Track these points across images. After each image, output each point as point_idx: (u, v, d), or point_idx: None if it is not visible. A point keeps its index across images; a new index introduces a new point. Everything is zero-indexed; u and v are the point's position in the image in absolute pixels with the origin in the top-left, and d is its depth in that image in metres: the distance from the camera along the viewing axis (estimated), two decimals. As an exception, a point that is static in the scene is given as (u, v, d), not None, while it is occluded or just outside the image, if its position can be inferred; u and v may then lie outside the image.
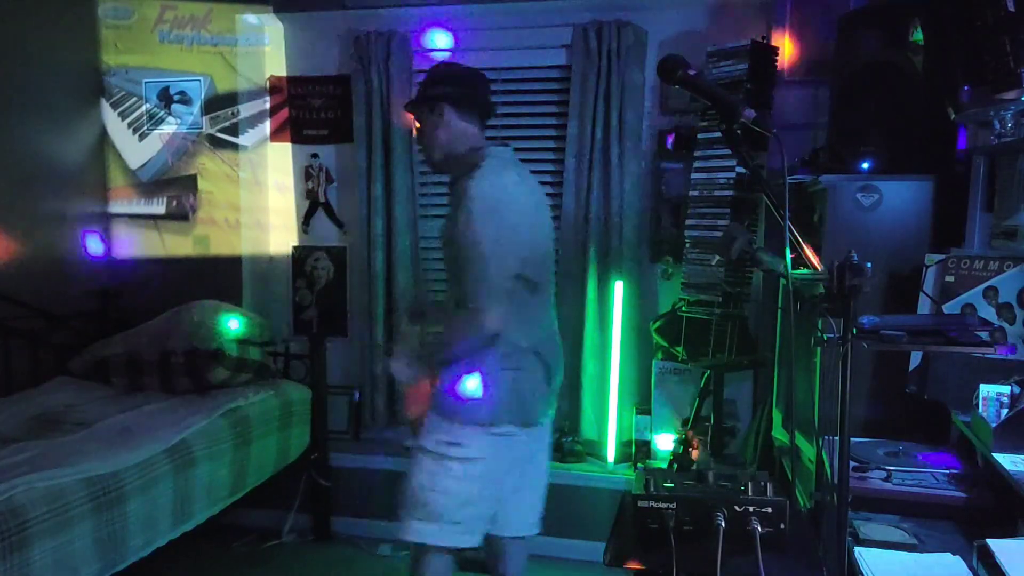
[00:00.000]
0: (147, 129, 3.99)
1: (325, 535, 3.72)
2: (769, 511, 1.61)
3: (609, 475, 3.45)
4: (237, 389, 3.37)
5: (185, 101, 3.94)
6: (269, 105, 3.90)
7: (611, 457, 3.50)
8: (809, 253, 1.42)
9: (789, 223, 1.41)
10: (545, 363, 2.29)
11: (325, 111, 3.86)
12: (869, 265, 1.29)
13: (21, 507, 2.15)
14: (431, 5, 3.57)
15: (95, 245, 4.00)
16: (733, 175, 2.98)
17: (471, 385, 2.19)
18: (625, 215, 3.43)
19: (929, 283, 2.06)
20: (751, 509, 1.61)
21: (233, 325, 3.48)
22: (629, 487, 1.81)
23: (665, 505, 1.64)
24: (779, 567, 1.53)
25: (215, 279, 3.90)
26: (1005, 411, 1.76)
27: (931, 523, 1.71)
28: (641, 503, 1.66)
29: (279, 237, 3.99)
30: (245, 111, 3.89)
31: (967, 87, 1.85)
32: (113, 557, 2.42)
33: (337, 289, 3.95)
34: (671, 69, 1.58)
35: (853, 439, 1.58)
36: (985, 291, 1.93)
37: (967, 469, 1.86)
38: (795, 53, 3.21)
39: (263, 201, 3.96)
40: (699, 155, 3.14)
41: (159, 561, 2.66)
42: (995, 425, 1.70)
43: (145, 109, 3.98)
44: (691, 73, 1.58)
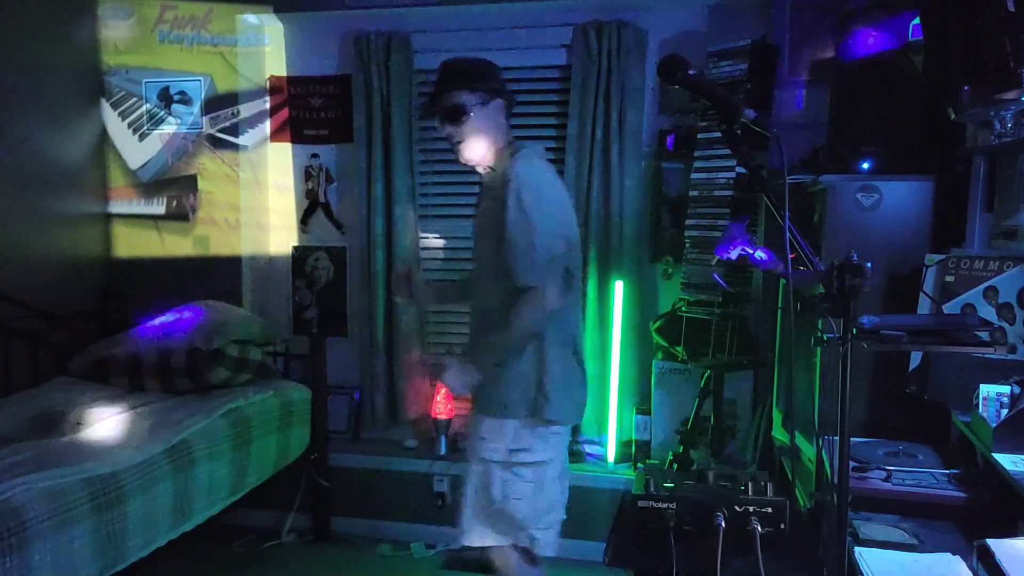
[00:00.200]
0: (147, 129, 3.99)
1: (325, 535, 3.72)
2: (769, 511, 1.61)
3: (609, 475, 3.45)
4: (237, 389, 3.36)
5: (185, 101, 3.94)
6: (269, 105, 3.90)
7: (611, 457, 3.50)
8: (808, 253, 1.43)
9: (789, 223, 1.41)
10: (581, 361, 2.33)
11: (325, 111, 3.86)
12: (869, 265, 1.29)
13: (21, 507, 2.15)
14: (431, 5, 3.57)
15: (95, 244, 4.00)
16: (733, 175, 2.98)
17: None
18: (625, 215, 3.43)
19: (929, 283, 2.06)
20: (751, 509, 1.61)
21: (234, 325, 3.48)
22: (629, 487, 1.82)
23: (665, 505, 1.64)
24: (779, 567, 1.53)
25: (215, 279, 3.90)
26: (1005, 411, 1.76)
27: (931, 523, 1.71)
28: (641, 503, 1.66)
29: (279, 237, 3.99)
30: (245, 111, 3.89)
31: (967, 87, 1.85)
32: (113, 557, 2.41)
33: (337, 289, 3.95)
34: (671, 69, 1.58)
35: (853, 439, 1.58)
36: (985, 291, 1.93)
37: (967, 469, 1.86)
38: (795, 53, 3.20)
39: (263, 201, 3.96)
40: (699, 155, 3.15)
41: (159, 561, 2.66)
42: (995, 425, 1.70)
43: (145, 109, 3.98)
44: (691, 73, 1.58)
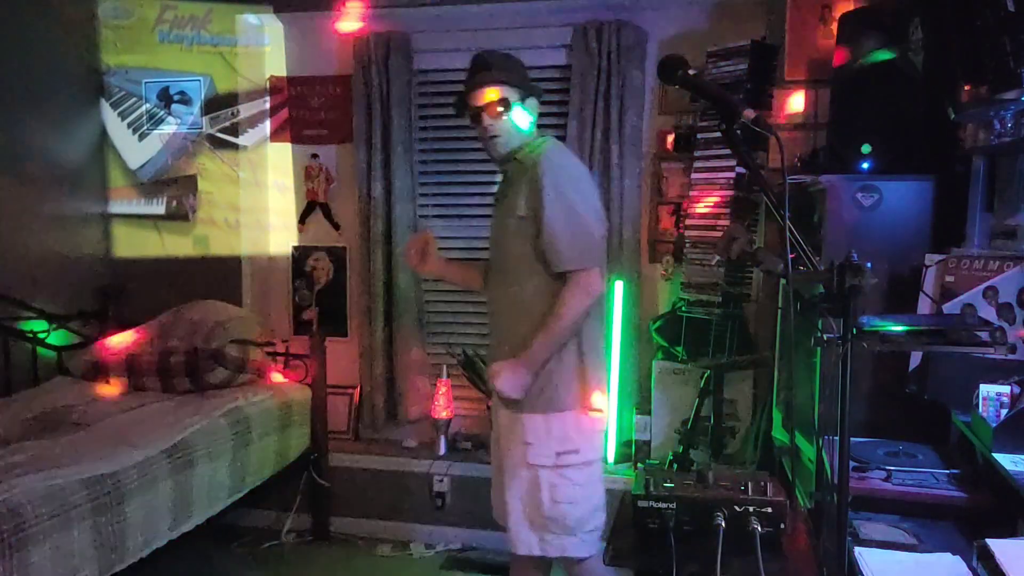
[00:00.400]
0: (147, 129, 3.99)
1: (325, 535, 3.72)
2: (769, 511, 1.60)
3: (609, 475, 3.44)
4: (237, 389, 3.36)
5: (185, 101, 3.93)
6: (269, 105, 3.90)
7: (611, 457, 3.50)
8: (808, 253, 1.42)
9: (789, 223, 1.41)
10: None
11: (325, 111, 3.86)
12: (869, 265, 1.29)
13: (21, 507, 2.15)
14: (431, 5, 3.57)
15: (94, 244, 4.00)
16: (733, 175, 2.98)
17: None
18: (625, 215, 3.43)
19: (929, 283, 2.06)
20: (751, 509, 1.61)
21: (234, 325, 3.48)
22: (629, 487, 1.81)
23: (665, 505, 1.64)
24: (779, 567, 1.53)
25: (215, 279, 3.90)
26: (1005, 411, 1.76)
27: (931, 523, 1.71)
28: (641, 503, 1.66)
29: (279, 237, 3.99)
30: (245, 111, 3.89)
31: (967, 87, 1.85)
32: (112, 557, 2.41)
33: (337, 289, 3.95)
34: (671, 69, 1.58)
35: (853, 439, 1.57)
36: (985, 291, 1.93)
37: (967, 469, 1.86)
38: (795, 53, 3.20)
39: (263, 201, 3.96)
40: (699, 155, 3.14)
41: (159, 561, 2.65)
42: (995, 425, 1.70)
43: (145, 109, 3.98)
44: (691, 73, 1.58)
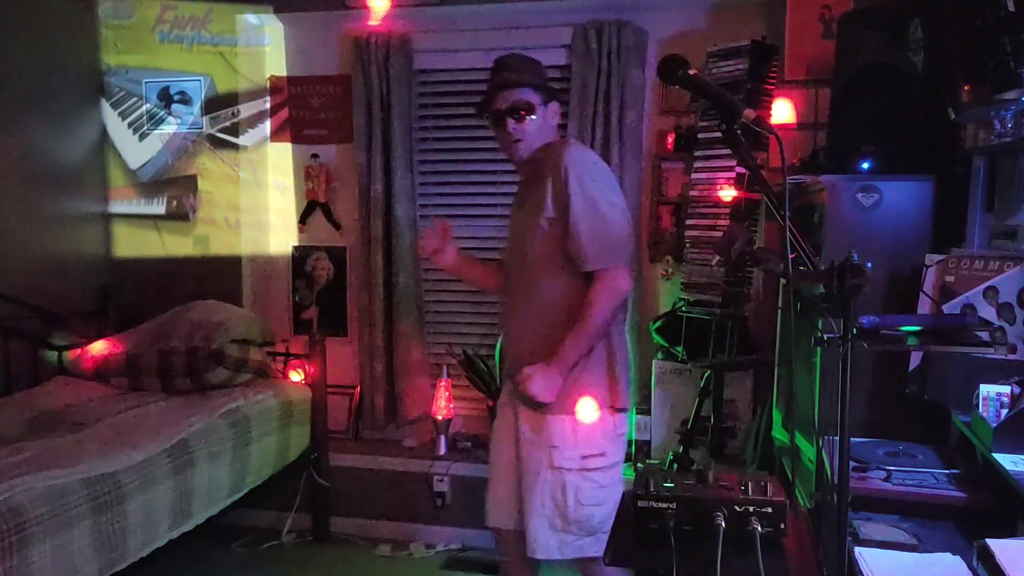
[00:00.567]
0: (147, 129, 3.99)
1: (325, 535, 3.72)
2: (769, 511, 1.60)
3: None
4: (237, 389, 3.37)
5: (185, 101, 3.93)
6: (269, 105, 3.90)
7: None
8: (808, 253, 1.42)
9: (789, 223, 1.41)
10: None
11: (325, 111, 3.86)
12: (869, 265, 1.29)
13: (21, 507, 2.15)
14: (431, 5, 3.57)
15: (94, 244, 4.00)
16: (733, 175, 2.98)
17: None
18: (625, 215, 3.43)
19: (929, 283, 2.06)
20: (751, 509, 1.60)
21: (234, 325, 3.48)
22: (629, 487, 1.81)
23: (665, 505, 1.64)
24: (779, 567, 1.53)
25: (215, 279, 3.90)
26: (1005, 411, 1.76)
27: (931, 523, 1.71)
28: (641, 503, 1.66)
29: (279, 237, 3.99)
30: (245, 111, 3.89)
31: (967, 87, 1.84)
32: (112, 557, 2.41)
33: (337, 289, 3.95)
34: (671, 69, 1.58)
35: (853, 439, 1.57)
36: (985, 291, 1.93)
37: (967, 469, 1.86)
38: (795, 53, 3.20)
39: (263, 201, 3.96)
40: (699, 155, 3.14)
41: (159, 561, 2.66)
42: (995, 425, 1.70)
43: (145, 109, 3.98)
44: (691, 73, 1.58)
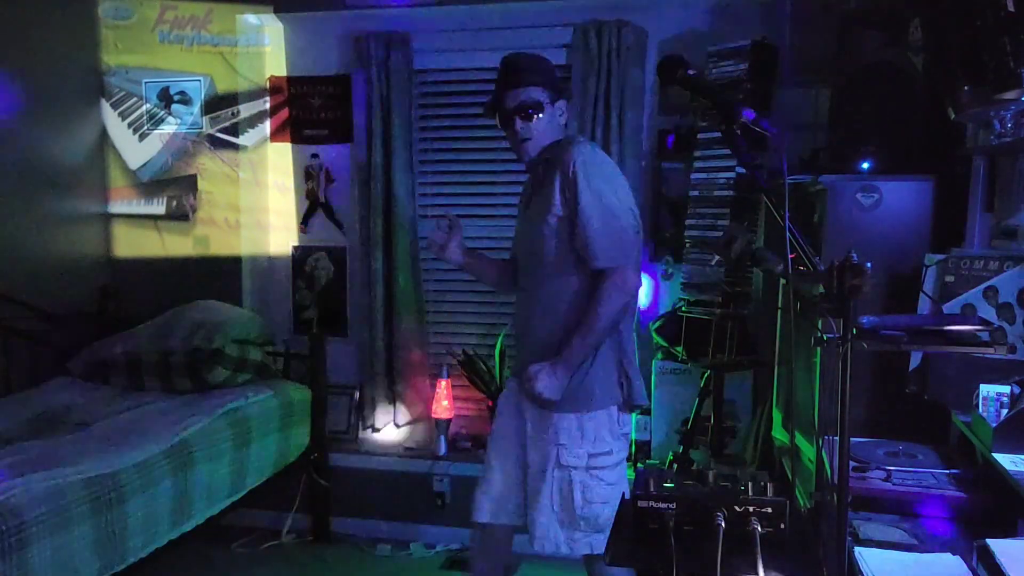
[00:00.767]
0: (147, 129, 3.99)
1: (324, 535, 3.72)
2: (769, 511, 1.60)
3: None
4: (237, 389, 3.37)
5: (185, 101, 3.93)
6: (269, 105, 3.90)
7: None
8: (808, 253, 1.42)
9: (789, 223, 1.41)
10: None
11: (325, 111, 3.86)
12: (869, 265, 1.29)
13: (21, 507, 2.15)
14: (431, 5, 3.57)
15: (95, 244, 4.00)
16: (733, 175, 2.98)
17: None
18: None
19: (929, 283, 2.06)
20: (751, 509, 1.60)
21: (234, 325, 3.48)
22: (629, 487, 1.81)
23: (665, 505, 1.64)
24: (779, 567, 1.53)
25: (215, 279, 3.90)
26: (1005, 411, 1.76)
27: (931, 523, 1.71)
28: (641, 503, 1.66)
29: (279, 237, 3.99)
30: (245, 111, 3.89)
31: (967, 87, 1.84)
32: (112, 557, 2.42)
33: (337, 289, 3.95)
34: (671, 69, 1.58)
35: (853, 439, 1.57)
36: (985, 291, 1.93)
37: (967, 469, 1.86)
38: (795, 53, 3.20)
39: (263, 201, 3.96)
40: (699, 155, 3.14)
41: (159, 561, 2.66)
42: (995, 425, 1.70)
43: (145, 109, 3.98)
44: (691, 73, 1.58)
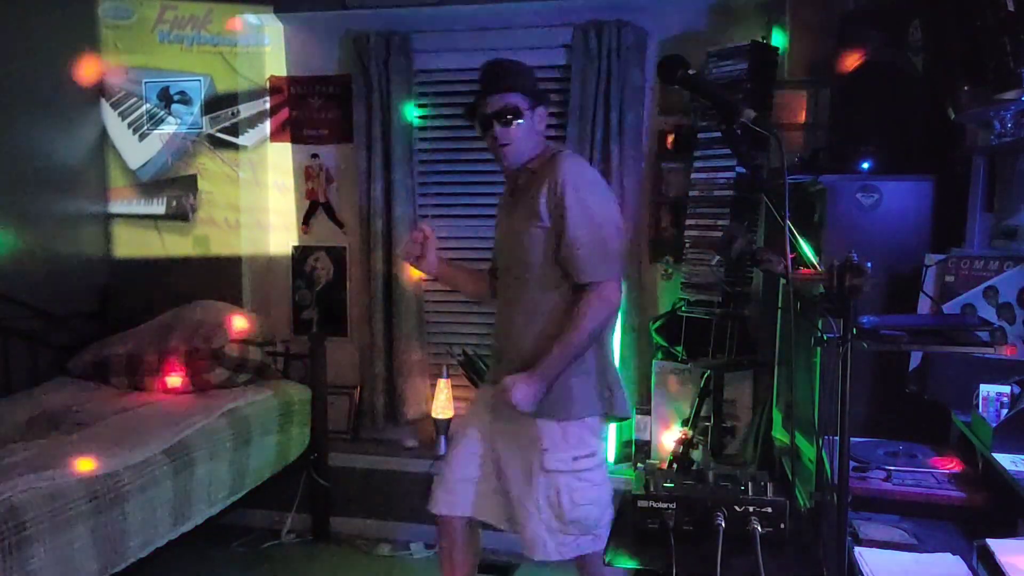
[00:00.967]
0: (147, 129, 3.99)
1: (324, 535, 3.72)
2: (769, 511, 1.61)
3: (609, 475, 3.43)
4: (237, 389, 3.37)
5: (185, 101, 3.93)
6: (269, 105, 3.90)
7: (611, 457, 3.49)
8: (809, 253, 1.42)
9: (789, 223, 1.41)
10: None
11: (325, 111, 3.86)
12: (869, 265, 1.29)
13: (21, 507, 2.15)
14: (431, 5, 3.57)
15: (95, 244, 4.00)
16: (733, 175, 2.98)
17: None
18: (625, 215, 3.41)
19: (929, 283, 2.06)
20: (751, 509, 1.61)
21: (234, 325, 3.48)
22: (629, 487, 1.81)
23: (665, 505, 1.64)
24: (779, 567, 1.53)
25: (215, 279, 3.89)
26: (1005, 411, 1.76)
27: (931, 523, 1.71)
28: (641, 503, 1.66)
29: (279, 237, 3.99)
30: (245, 111, 3.89)
31: (967, 87, 1.85)
32: (112, 557, 2.41)
33: (337, 289, 3.95)
34: (671, 69, 1.58)
35: (853, 439, 1.57)
36: (985, 291, 1.93)
37: (967, 469, 1.86)
38: (795, 53, 3.20)
39: (263, 201, 3.96)
40: (699, 155, 3.14)
41: (159, 561, 2.66)
42: (995, 425, 1.70)
43: (145, 109, 3.97)
44: (691, 73, 1.58)
